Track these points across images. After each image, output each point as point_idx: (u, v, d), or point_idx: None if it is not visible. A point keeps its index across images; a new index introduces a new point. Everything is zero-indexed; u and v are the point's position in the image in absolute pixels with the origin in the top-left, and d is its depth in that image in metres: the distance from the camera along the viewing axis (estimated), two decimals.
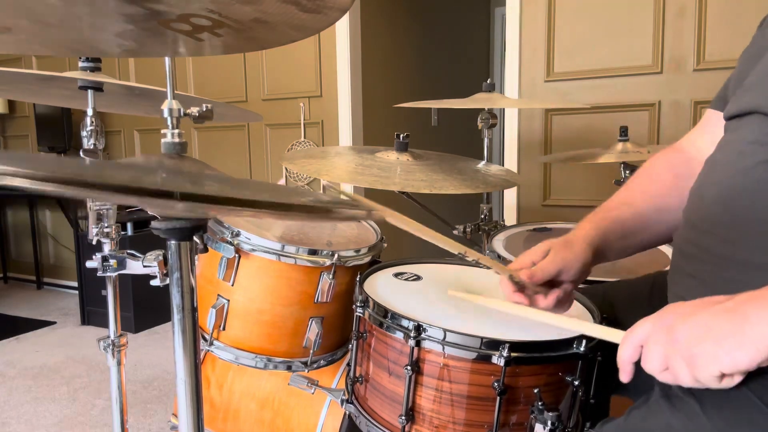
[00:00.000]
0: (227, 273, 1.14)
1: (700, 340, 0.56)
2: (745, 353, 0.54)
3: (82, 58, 1.19)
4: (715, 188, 0.73)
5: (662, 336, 0.59)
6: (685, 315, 0.59)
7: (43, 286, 4.06)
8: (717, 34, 2.12)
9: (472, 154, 1.63)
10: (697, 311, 0.59)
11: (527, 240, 1.51)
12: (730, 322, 0.56)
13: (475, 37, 4.65)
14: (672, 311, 0.61)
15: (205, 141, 3.33)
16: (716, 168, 0.75)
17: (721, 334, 0.55)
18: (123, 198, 0.43)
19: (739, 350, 0.54)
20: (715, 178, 0.74)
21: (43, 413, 2.21)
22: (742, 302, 0.56)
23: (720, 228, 0.71)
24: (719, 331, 0.56)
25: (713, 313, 0.57)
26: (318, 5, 0.56)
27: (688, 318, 0.58)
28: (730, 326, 0.55)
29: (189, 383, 0.72)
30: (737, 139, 0.73)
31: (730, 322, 0.56)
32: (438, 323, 0.79)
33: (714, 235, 0.71)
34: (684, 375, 0.58)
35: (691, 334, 0.57)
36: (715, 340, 0.55)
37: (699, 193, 0.77)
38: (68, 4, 0.54)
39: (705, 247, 0.72)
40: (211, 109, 0.72)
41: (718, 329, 0.56)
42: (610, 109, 2.33)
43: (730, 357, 0.54)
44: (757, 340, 0.54)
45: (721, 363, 0.55)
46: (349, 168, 1.30)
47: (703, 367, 0.56)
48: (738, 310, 0.56)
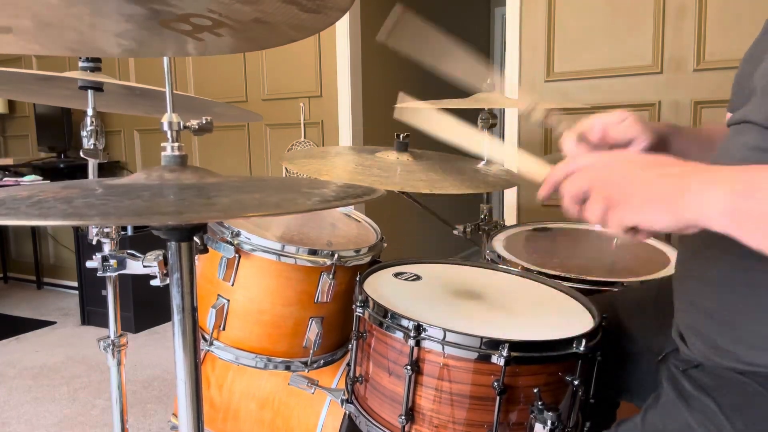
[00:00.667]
0: (227, 273, 1.14)
1: (632, 194, 0.57)
2: (668, 217, 0.55)
3: (82, 58, 1.19)
4: None
5: (597, 172, 0.61)
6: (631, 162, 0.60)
7: (43, 286, 4.06)
8: (717, 34, 2.12)
9: (472, 154, 1.63)
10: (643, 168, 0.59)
11: (527, 240, 1.51)
12: (669, 187, 0.56)
13: (475, 37, 4.65)
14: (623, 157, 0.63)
15: (205, 141, 3.33)
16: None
17: (655, 195, 0.56)
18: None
19: (663, 214, 0.55)
20: None
21: (43, 413, 2.21)
22: (689, 173, 0.57)
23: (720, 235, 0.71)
24: (654, 193, 0.57)
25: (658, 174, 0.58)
26: (318, 5, 0.56)
27: (633, 167, 0.59)
28: (667, 191, 0.56)
29: (189, 383, 0.72)
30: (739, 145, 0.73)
31: (670, 187, 0.56)
32: (438, 323, 0.79)
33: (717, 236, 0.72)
34: (595, 215, 0.59)
35: (626, 181, 0.58)
36: (646, 199, 0.56)
37: None
38: (68, 4, 0.54)
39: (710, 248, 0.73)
40: (211, 121, 0.72)
41: (654, 191, 0.57)
42: (610, 109, 2.33)
43: (651, 217, 0.56)
44: (684, 211, 0.55)
45: (640, 218, 0.56)
46: (349, 168, 1.30)
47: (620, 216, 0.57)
48: (681, 179, 0.57)
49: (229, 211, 0.53)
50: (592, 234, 1.56)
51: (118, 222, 0.50)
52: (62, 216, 0.47)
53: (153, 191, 0.58)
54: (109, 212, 0.50)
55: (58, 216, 0.47)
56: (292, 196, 0.61)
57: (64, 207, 0.50)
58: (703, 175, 0.56)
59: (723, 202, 0.53)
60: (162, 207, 0.52)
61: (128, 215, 0.51)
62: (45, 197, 0.52)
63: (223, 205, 0.54)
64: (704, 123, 0.99)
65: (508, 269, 1.14)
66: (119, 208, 0.51)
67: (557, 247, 1.49)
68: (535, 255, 1.34)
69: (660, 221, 0.56)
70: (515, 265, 1.22)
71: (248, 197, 0.58)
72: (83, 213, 0.49)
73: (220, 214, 0.53)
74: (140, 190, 0.58)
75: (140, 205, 0.52)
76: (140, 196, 0.55)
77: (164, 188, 0.60)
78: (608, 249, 1.49)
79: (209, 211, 0.53)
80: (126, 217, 0.51)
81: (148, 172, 0.66)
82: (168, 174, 0.66)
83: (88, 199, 0.53)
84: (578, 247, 1.49)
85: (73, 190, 0.56)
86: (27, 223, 0.45)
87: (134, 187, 0.59)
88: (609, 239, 1.53)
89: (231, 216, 0.52)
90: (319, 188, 0.66)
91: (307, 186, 0.67)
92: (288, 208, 0.57)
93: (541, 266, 1.21)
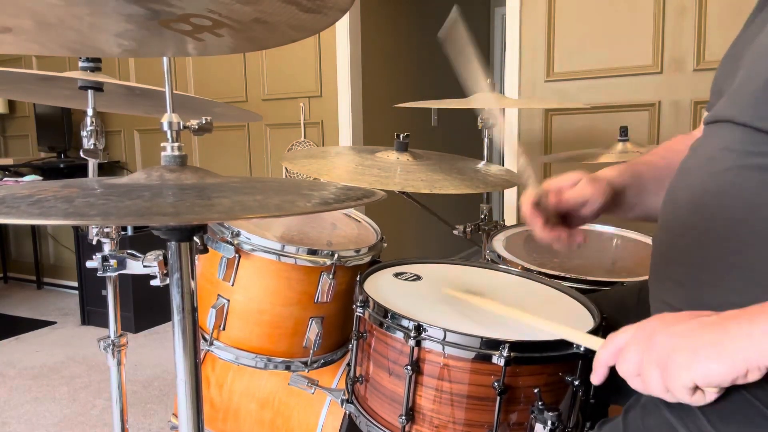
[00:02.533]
0: (227, 273, 1.14)
1: (677, 348, 0.56)
2: (720, 366, 0.53)
3: (82, 58, 1.19)
4: (687, 192, 0.75)
5: (641, 342, 0.60)
6: (667, 323, 0.59)
7: (43, 286, 4.06)
8: (717, 34, 2.12)
9: (472, 154, 1.63)
10: (680, 321, 0.59)
11: (527, 240, 1.50)
12: (710, 334, 0.55)
13: (475, 37, 4.65)
14: (656, 318, 0.61)
15: (205, 141, 3.33)
16: (688, 173, 0.77)
17: (699, 344, 0.55)
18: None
19: (714, 362, 0.54)
20: (687, 182, 0.76)
21: (43, 413, 2.21)
22: (726, 318, 0.56)
23: (692, 231, 0.72)
24: (697, 342, 0.55)
25: (696, 324, 0.57)
26: (318, 5, 0.56)
27: (670, 326, 0.58)
28: (710, 337, 0.55)
29: (189, 383, 0.72)
30: (709, 145, 0.74)
31: (711, 333, 0.55)
32: (438, 323, 0.79)
33: (687, 237, 0.73)
34: (655, 382, 0.57)
35: (669, 342, 0.57)
36: (692, 349, 0.55)
37: (673, 196, 0.79)
38: (68, 4, 0.54)
39: (680, 250, 0.74)
40: (211, 121, 0.72)
41: (697, 339, 0.55)
42: (610, 109, 2.33)
43: (704, 368, 0.54)
44: (733, 354, 0.53)
45: (695, 373, 0.54)
46: (349, 168, 1.30)
47: (676, 375, 0.55)
48: (720, 324, 0.56)
49: (230, 212, 0.53)
50: (592, 234, 1.56)
51: (119, 222, 0.50)
52: (63, 215, 0.47)
53: (153, 191, 0.58)
54: (110, 212, 0.50)
55: (59, 215, 0.47)
56: (293, 198, 0.61)
57: (65, 206, 0.49)
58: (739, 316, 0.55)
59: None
60: (163, 207, 0.52)
61: (129, 215, 0.51)
62: (45, 196, 0.52)
63: (224, 206, 0.54)
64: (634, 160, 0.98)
65: (508, 269, 1.14)
66: (120, 208, 0.51)
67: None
68: (535, 255, 1.34)
69: (714, 372, 0.54)
70: (515, 265, 1.22)
71: (249, 198, 0.58)
72: (84, 212, 0.49)
73: (221, 215, 0.53)
74: (141, 190, 0.58)
75: (141, 205, 0.52)
76: (141, 196, 0.55)
77: (165, 188, 0.60)
78: (608, 249, 1.49)
79: (210, 212, 0.53)
80: (127, 217, 0.51)
81: (148, 172, 0.66)
82: (168, 174, 0.66)
83: (89, 198, 0.53)
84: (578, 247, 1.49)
85: (72, 189, 0.56)
86: (28, 222, 0.45)
87: (135, 187, 0.59)
88: (609, 239, 1.53)
89: (232, 217, 0.52)
90: (320, 190, 0.66)
91: (307, 188, 0.67)
92: (288, 209, 0.57)
93: (541, 266, 1.21)
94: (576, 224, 0.90)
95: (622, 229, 1.53)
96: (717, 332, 0.55)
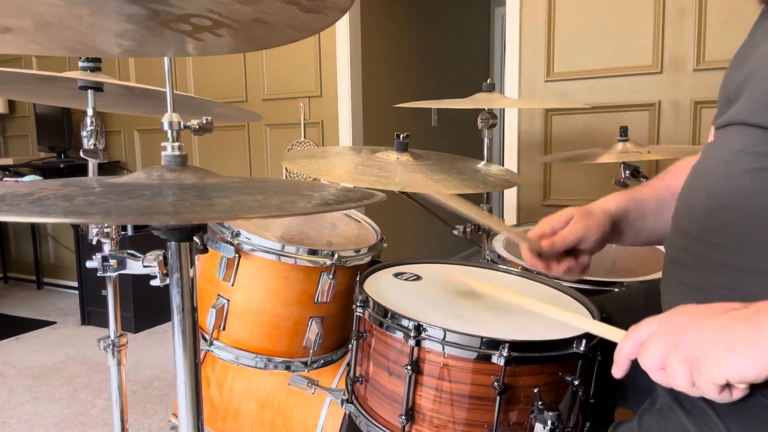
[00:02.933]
0: (227, 273, 1.14)
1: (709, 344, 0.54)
2: (755, 363, 0.52)
3: (82, 58, 1.19)
4: (702, 195, 0.74)
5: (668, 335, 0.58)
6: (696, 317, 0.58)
7: (43, 286, 4.06)
8: (717, 34, 2.12)
9: (472, 154, 1.63)
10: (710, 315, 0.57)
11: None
12: (743, 330, 0.54)
13: (475, 37, 4.65)
14: (682, 312, 0.59)
15: (206, 141, 3.33)
16: (703, 175, 0.76)
17: (733, 340, 0.53)
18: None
19: (750, 359, 0.52)
20: (702, 185, 0.75)
21: (43, 413, 2.21)
22: (758, 311, 0.54)
23: (710, 235, 0.71)
24: (732, 338, 0.54)
25: (727, 320, 0.55)
26: (318, 5, 0.56)
27: (699, 321, 0.57)
28: (744, 334, 0.53)
29: (189, 383, 0.72)
30: (723, 148, 0.73)
31: (744, 330, 0.54)
32: (438, 323, 0.79)
33: (704, 242, 0.72)
34: (681, 378, 0.56)
35: (700, 338, 0.55)
36: (727, 346, 0.53)
37: (687, 200, 0.78)
38: (68, 4, 0.54)
39: (697, 255, 0.72)
40: (211, 121, 0.72)
41: (731, 336, 0.54)
42: (610, 109, 2.33)
43: (739, 365, 0.53)
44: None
45: (729, 370, 0.53)
46: (349, 168, 1.30)
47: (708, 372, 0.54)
48: (753, 319, 0.54)
49: (230, 212, 0.53)
50: None
51: (120, 221, 0.50)
52: (63, 213, 0.47)
53: (153, 191, 0.58)
54: (110, 211, 0.50)
55: (59, 213, 0.47)
56: (293, 199, 0.61)
57: (66, 204, 0.49)
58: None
59: None
60: (163, 207, 0.52)
61: (130, 214, 0.51)
62: (45, 194, 0.52)
63: (224, 206, 0.54)
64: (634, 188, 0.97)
65: (508, 269, 1.14)
66: (120, 207, 0.51)
67: None
68: None
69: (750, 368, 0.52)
70: (515, 265, 1.22)
71: (249, 198, 0.58)
72: (84, 211, 0.49)
73: (221, 215, 0.53)
74: (141, 190, 0.58)
75: (141, 205, 0.52)
76: (141, 196, 0.55)
77: (165, 188, 0.60)
78: (608, 249, 1.49)
79: (210, 212, 0.53)
80: (128, 216, 0.51)
81: (148, 171, 0.66)
82: (168, 174, 0.66)
83: (89, 197, 0.53)
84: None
85: (72, 188, 0.56)
86: (28, 220, 0.45)
87: (135, 187, 0.59)
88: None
89: (232, 217, 0.52)
90: (320, 191, 0.66)
91: (307, 188, 0.67)
92: (289, 210, 0.57)
93: None
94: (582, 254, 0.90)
95: None
96: (750, 327, 0.53)
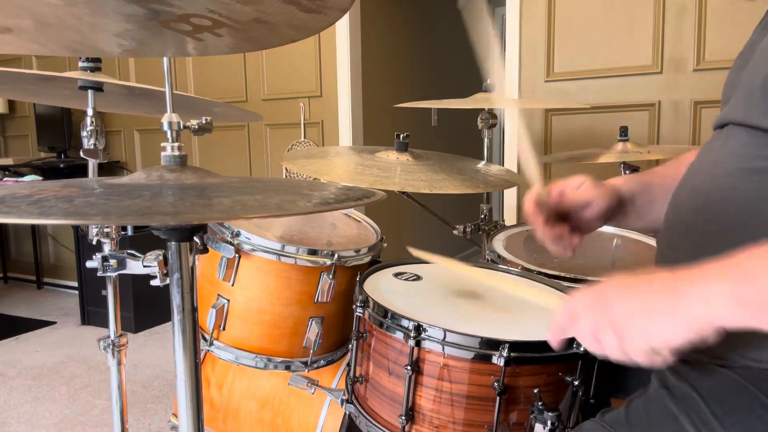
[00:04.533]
0: (227, 273, 1.14)
1: (633, 313, 0.57)
2: (676, 329, 0.55)
3: (82, 58, 1.19)
4: (690, 194, 0.75)
5: (597, 306, 0.61)
6: (622, 287, 0.60)
7: (43, 286, 4.06)
8: (717, 34, 2.12)
9: (472, 154, 1.63)
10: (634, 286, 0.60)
11: (527, 240, 1.50)
12: (665, 298, 0.56)
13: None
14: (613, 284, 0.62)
15: (205, 141, 3.33)
16: (693, 175, 0.77)
17: (655, 309, 0.56)
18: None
19: (671, 326, 0.55)
20: (692, 184, 0.76)
21: (43, 413, 2.21)
22: (680, 278, 0.57)
23: (694, 232, 0.73)
24: (653, 306, 0.56)
25: (651, 289, 0.58)
26: (318, 5, 0.56)
27: (625, 291, 0.60)
28: (665, 302, 0.56)
29: (189, 383, 0.72)
30: (715, 149, 0.75)
31: (666, 297, 0.56)
32: (438, 323, 0.79)
33: (689, 239, 0.73)
34: (612, 346, 0.59)
35: (624, 307, 0.58)
36: (648, 314, 0.56)
37: (677, 198, 0.79)
38: (68, 4, 0.54)
39: (681, 251, 0.74)
40: (211, 121, 0.72)
41: (653, 304, 0.57)
42: (610, 109, 2.33)
43: (660, 332, 0.55)
44: (689, 318, 0.54)
45: (651, 337, 0.56)
46: (349, 168, 1.30)
47: (633, 339, 0.57)
48: (674, 287, 0.57)
49: (232, 211, 0.53)
50: (592, 234, 1.55)
51: (120, 222, 0.50)
52: (64, 215, 0.47)
53: (153, 191, 0.58)
54: (110, 212, 0.50)
55: (59, 215, 0.47)
56: (293, 198, 0.61)
57: (66, 206, 0.49)
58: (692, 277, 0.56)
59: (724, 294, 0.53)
60: (163, 207, 0.52)
61: (130, 215, 0.51)
62: (45, 196, 0.52)
63: (225, 206, 0.54)
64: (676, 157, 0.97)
65: (508, 269, 1.14)
66: (120, 207, 0.51)
67: None
68: (535, 255, 1.34)
69: (672, 335, 0.55)
70: (515, 265, 1.22)
71: (250, 198, 0.58)
72: (85, 212, 0.49)
73: (222, 215, 0.53)
74: (141, 190, 0.58)
75: (141, 205, 0.52)
76: (141, 196, 0.55)
77: (165, 188, 0.60)
78: (608, 249, 1.49)
79: (211, 212, 0.53)
80: (128, 216, 0.51)
81: (148, 171, 0.66)
82: (168, 174, 0.66)
83: (89, 198, 0.53)
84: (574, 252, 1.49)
85: (72, 189, 0.56)
86: (28, 222, 0.45)
87: (135, 187, 0.59)
88: (609, 239, 1.53)
89: (233, 217, 0.52)
90: (320, 190, 0.66)
91: (307, 188, 0.67)
92: (289, 209, 0.57)
93: (541, 266, 1.21)
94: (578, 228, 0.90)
95: (622, 229, 1.53)
96: (671, 296, 0.56)
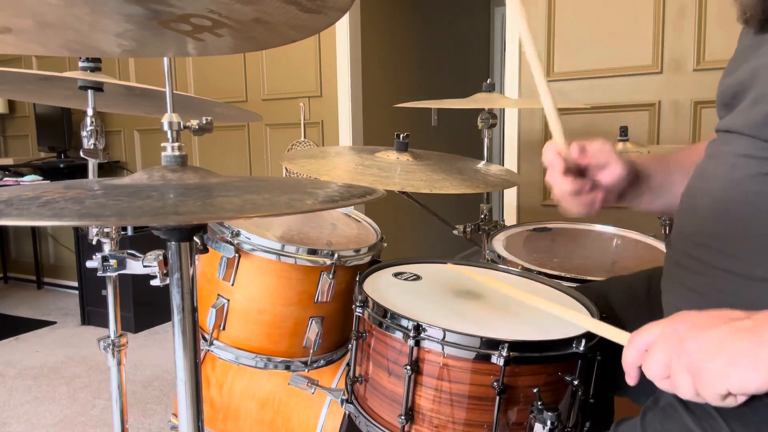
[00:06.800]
0: (227, 273, 1.14)
1: (712, 355, 0.54)
2: (756, 376, 0.52)
3: (82, 58, 1.19)
4: (708, 199, 0.73)
5: (670, 344, 0.58)
6: (697, 327, 0.57)
7: (43, 286, 4.06)
8: (717, 34, 2.12)
9: (472, 154, 1.63)
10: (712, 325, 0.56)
11: (527, 240, 1.51)
12: (746, 342, 0.53)
13: (475, 37, 4.65)
14: (684, 320, 0.59)
15: (206, 141, 3.33)
16: (708, 179, 0.75)
17: (736, 353, 0.53)
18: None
19: (752, 372, 0.52)
20: (708, 188, 0.74)
21: (43, 413, 2.21)
22: (760, 323, 0.54)
23: (716, 241, 0.70)
24: (734, 350, 0.53)
25: (729, 330, 0.55)
26: (318, 5, 0.56)
27: (702, 331, 0.56)
28: (747, 346, 0.53)
29: (189, 383, 0.72)
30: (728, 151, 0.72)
31: (747, 341, 0.53)
32: (437, 323, 0.79)
33: (710, 248, 0.71)
34: (686, 387, 0.56)
35: (702, 348, 0.55)
36: (729, 358, 0.53)
37: (691, 202, 0.77)
38: (68, 4, 0.54)
39: (702, 260, 0.72)
40: (211, 121, 0.72)
41: (733, 348, 0.54)
42: (610, 109, 2.33)
43: (741, 377, 0.52)
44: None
45: (731, 382, 0.53)
46: (349, 168, 1.30)
47: (710, 383, 0.54)
48: (755, 331, 0.54)
49: (243, 210, 0.53)
50: (592, 234, 1.56)
51: (135, 222, 0.50)
52: (77, 216, 0.47)
53: (161, 191, 0.58)
54: (124, 212, 0.50)
55: (72, 216, 0.47)
56: (301, 196, 0.61)
57: (78, 207, 0.49)
58: None
59: None
60: (177, 207, 0.52)
61: (144, 215, 0.50)
62: (52, 197, 0.52)
63: (237, 205, 0.54)
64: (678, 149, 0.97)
65: (508, 269, 1.14)
66: (134, 208, 0.51)
67: (557, 247, 1.49)
68: (535, 255, 1.34)
69: (750, 381, 0.52)
70: (515, 265, 1.22)
71: (258, 197, 0.58)
72: (98, 213, 0.49)
73: (235, 213, 0.53)
74: (148, 191, 0.57)
75: (154, 206, 0.52)
76: (151, 197, 0.55)
77: (171, 188, 0.60)
78: (608, 249, 1.49)
79: (224, 211, 0.53)
80: (143, 217, 0.50)
81: (149, 172, 0.66)
82: (170, 174, 0.66)
83: (98, 199, 0.53)
84: (578, 247, 1.49)
85: (77, 190, 0.56)
86: (42, 224, 0.45)
87: (141, 188, 0.59)
88: (609, 239, 1.53)
89: (246, 215, 0.51)
90: (323, 188, 0.66)
91: (310, 186, 0.67)
92: (299, 207, 0.57)
93: (541, 266, 1.21)
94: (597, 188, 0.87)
95: (622, 229, 1.53)
96: (752, 339, 0.53)
